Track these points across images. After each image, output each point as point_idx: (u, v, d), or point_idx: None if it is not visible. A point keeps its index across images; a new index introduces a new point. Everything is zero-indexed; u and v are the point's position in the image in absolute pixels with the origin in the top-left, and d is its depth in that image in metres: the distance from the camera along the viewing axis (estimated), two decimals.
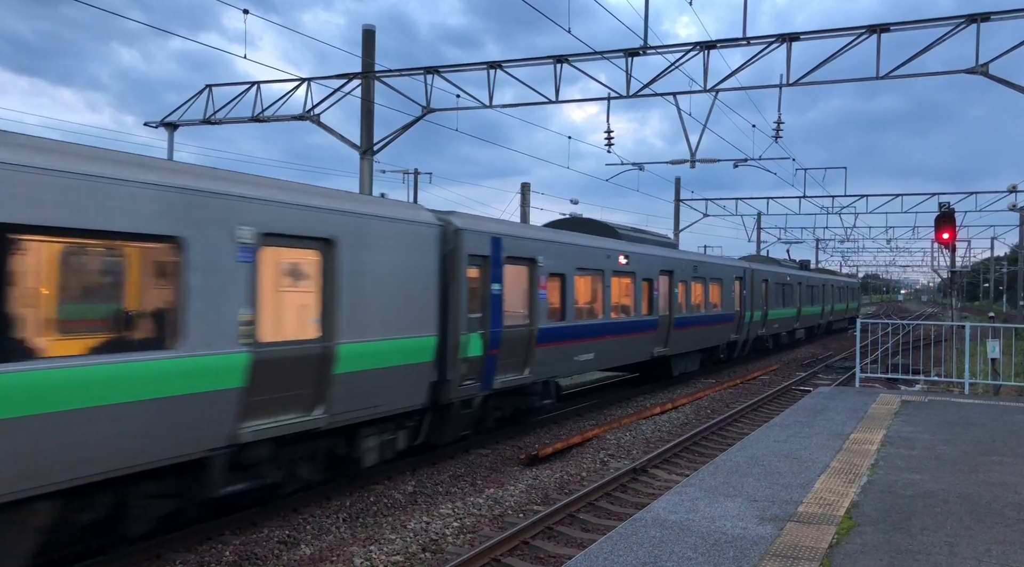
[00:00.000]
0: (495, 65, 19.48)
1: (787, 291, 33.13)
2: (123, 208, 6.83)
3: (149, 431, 7.01)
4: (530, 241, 13.55)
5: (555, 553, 8.24)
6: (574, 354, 14.86)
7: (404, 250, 10.25)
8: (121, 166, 6.96)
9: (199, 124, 22.66)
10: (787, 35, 17.36)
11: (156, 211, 7.11)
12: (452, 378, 11.24)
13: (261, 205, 8.17)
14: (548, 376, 14.20)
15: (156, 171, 7.23)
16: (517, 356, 13.06)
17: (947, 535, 5.82)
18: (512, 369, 12.99)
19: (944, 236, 17.67)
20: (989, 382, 16.67)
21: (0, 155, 6.04)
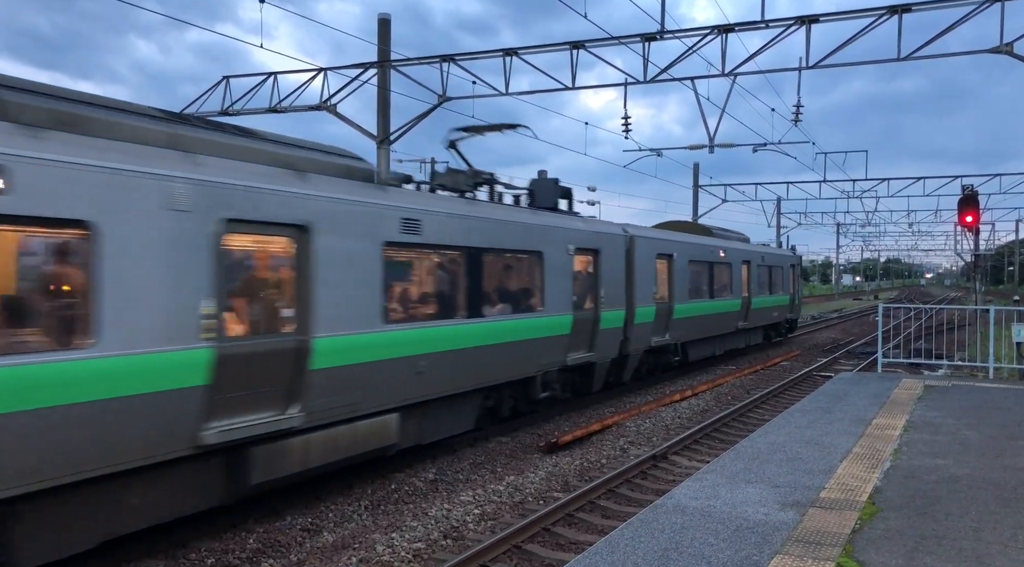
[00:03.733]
0: (511, 52, 19.41)
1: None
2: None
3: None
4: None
5: (576, 539, 8.25)
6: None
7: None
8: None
9: (217, 116, 22.76)
10: (806, 17, 17.15)
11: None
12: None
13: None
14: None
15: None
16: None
17: (972, 520, 5.77)
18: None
19: (967, 219, 17.45)
20: (1014, 366, 16.48)
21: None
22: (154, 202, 6.76)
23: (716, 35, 17.99)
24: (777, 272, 28.01)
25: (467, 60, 20.26)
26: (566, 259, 13.84)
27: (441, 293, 10.90)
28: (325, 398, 8.50)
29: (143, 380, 6.59)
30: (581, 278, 14.76)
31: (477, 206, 11.86)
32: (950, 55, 17.24)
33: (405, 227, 9.90)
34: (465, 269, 11.22)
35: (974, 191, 18.28)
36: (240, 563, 7.64)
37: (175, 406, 6.89)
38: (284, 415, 8.09)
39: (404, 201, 10.05)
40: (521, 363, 12.58)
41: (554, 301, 13.39)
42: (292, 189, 8.18)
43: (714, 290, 21.62)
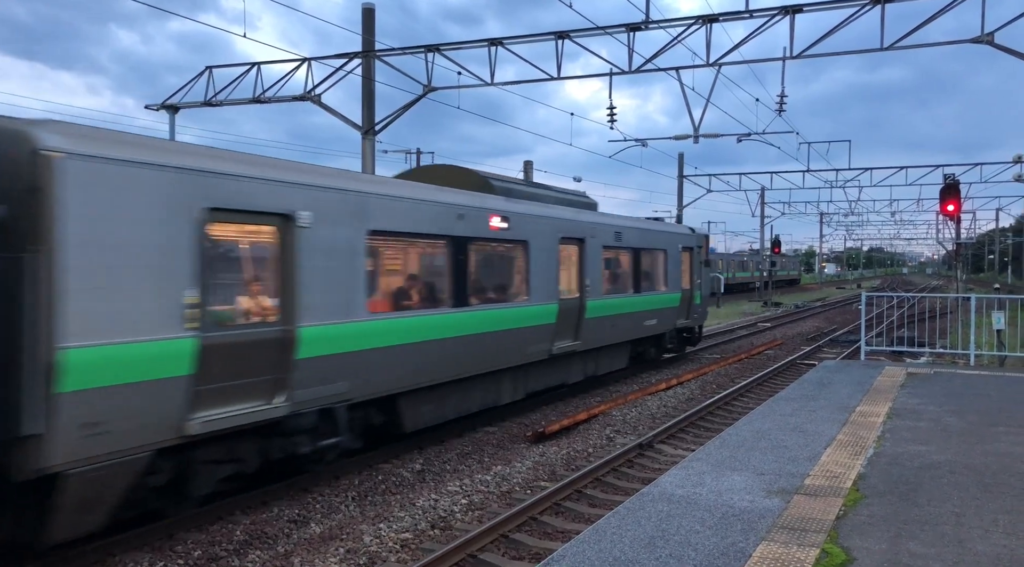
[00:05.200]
0: (496, 42, 19.35)
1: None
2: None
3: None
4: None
5: (563, 528, 8.30)
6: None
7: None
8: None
9: (200, 106, 22.58)
10: (790, 7, 17.20)
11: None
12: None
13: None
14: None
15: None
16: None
17: (954, 506, 5.85)
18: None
19: (949, 208, 17.62)
20: (995, 353, 16.67)
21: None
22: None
23: (701, 25, 18.01)
24: (654, 259, 18.76)
25: (452, 50, 20.18)
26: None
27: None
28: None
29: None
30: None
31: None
32: (932, 45, 17.36)
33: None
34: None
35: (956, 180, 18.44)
36: (227, 555, 7.63)
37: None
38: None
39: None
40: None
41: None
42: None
43: (480, 290, 12.21)
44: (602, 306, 15.79)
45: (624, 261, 17.42)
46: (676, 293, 19.82)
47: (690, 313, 21.23)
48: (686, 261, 21.01)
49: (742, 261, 68.26)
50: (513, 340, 12.80)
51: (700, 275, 21.89)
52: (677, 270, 19.96)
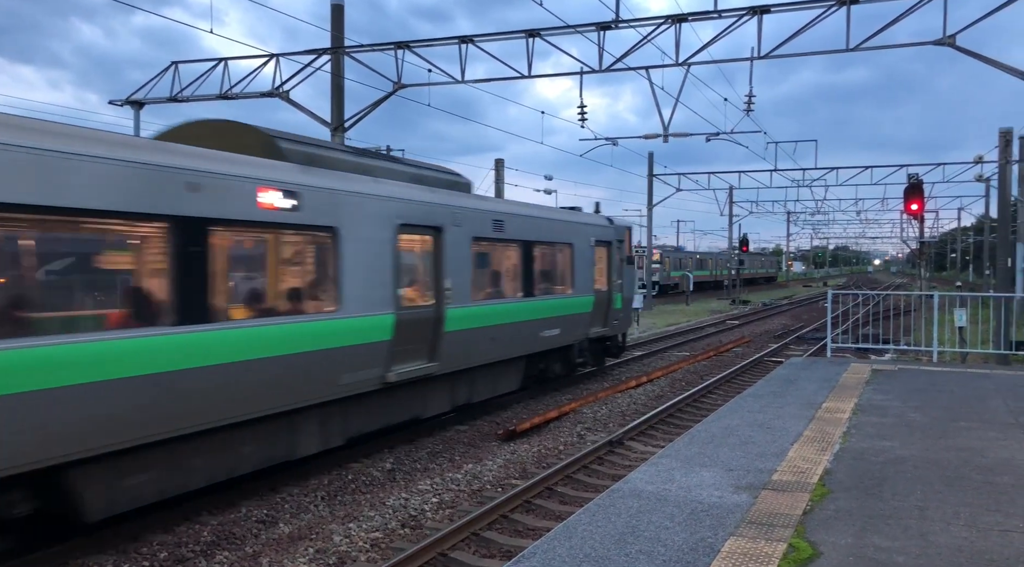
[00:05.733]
0: (467, 40, 19.31)
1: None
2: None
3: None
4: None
5: (534, 526, 8.31)
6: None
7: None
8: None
9: (166, 102, 22.28)
10: (758, 7, 17.37)
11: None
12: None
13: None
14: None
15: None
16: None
17: (917, 499, 5.94)
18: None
19: (913, 207, 17.91)
20: (956, 350, 16.99)
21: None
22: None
23: (670, 25, 18.13)
24: (555, 255, 15.37)
25: (422, 47, 20.11)
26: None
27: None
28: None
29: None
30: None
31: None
32: (896, 46, 17.64)
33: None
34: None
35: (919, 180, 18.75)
36: (194, 556, 7.53)
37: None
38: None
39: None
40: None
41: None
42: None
43: (245, 297, 8.75)
44: (473, 315, 12.18)
45: (510, 258, 13.81)
46: (587, 296, 16.39)
47: (608, 320, 17.68)
48: (602, 258, 17.54)
49: (700, 259, 68.73)
50: (312, 367, 9.10)
51: (621, 275, 18.40)
52: (589, 269, 16.55)
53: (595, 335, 17.22)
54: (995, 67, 16.28)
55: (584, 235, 16.46)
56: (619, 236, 18.55)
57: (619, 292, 18.31)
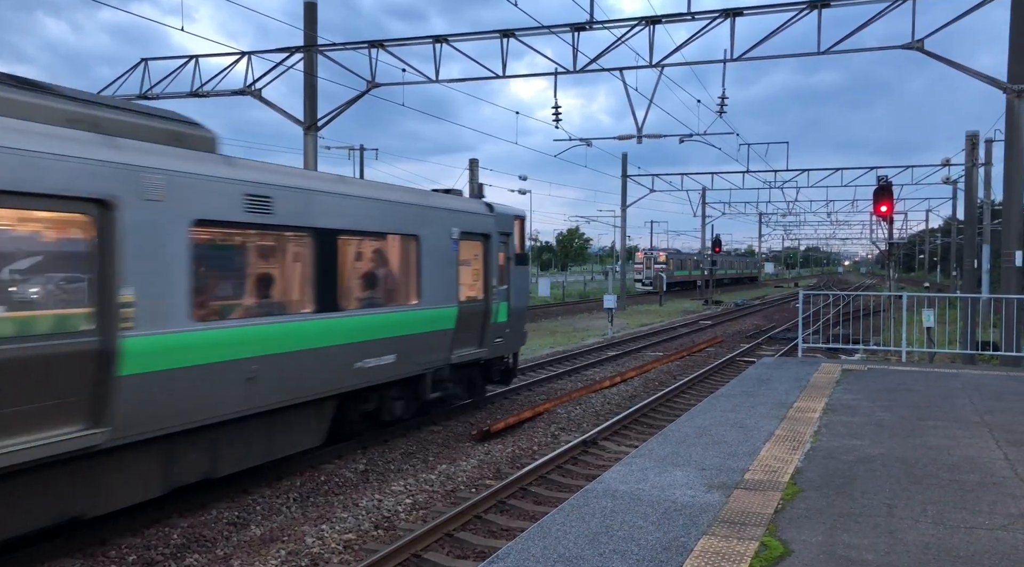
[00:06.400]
0: (441, 39, 19.28)
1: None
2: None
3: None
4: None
5: (508, 526, 8.30)
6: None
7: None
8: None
9: (135, 99, 21.98)
10: (731, 10, 17.52)
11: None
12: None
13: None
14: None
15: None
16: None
17: (886, 497, 6.02)
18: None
19: (882, 209, 18.15)
20: (924, 350, 17.24)
21: None
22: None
23: (644, 26, 18.23)
24: (385, 251, 11.52)
25: (397, 46, 20.04)
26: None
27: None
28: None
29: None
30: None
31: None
32: (866, 50, 17.88)
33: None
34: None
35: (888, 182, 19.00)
36: (164, 559, 7.44)
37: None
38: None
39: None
40: None
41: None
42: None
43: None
44: (193, 345, 7.93)
45: (290, 254, 9.59)
46: (447, 308, 12.29)
47: (486, 338, 13.58)
48: (475, 257, 13.50)
49: (696, 261, 70.89)
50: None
51: (508, 278, 14.32)
52: (449, 271, 12.43)
53: (464, 359, 12.94)
54: (962, 71, 16.55)
55: (441, 225, 12.26)
56: (503, 228, 14.16)
57: (504, 301, 14.11)
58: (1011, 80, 15.35)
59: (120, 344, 7.15)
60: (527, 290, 15.68)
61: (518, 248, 14.92)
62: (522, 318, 15.17)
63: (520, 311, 14.99)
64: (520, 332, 15.16)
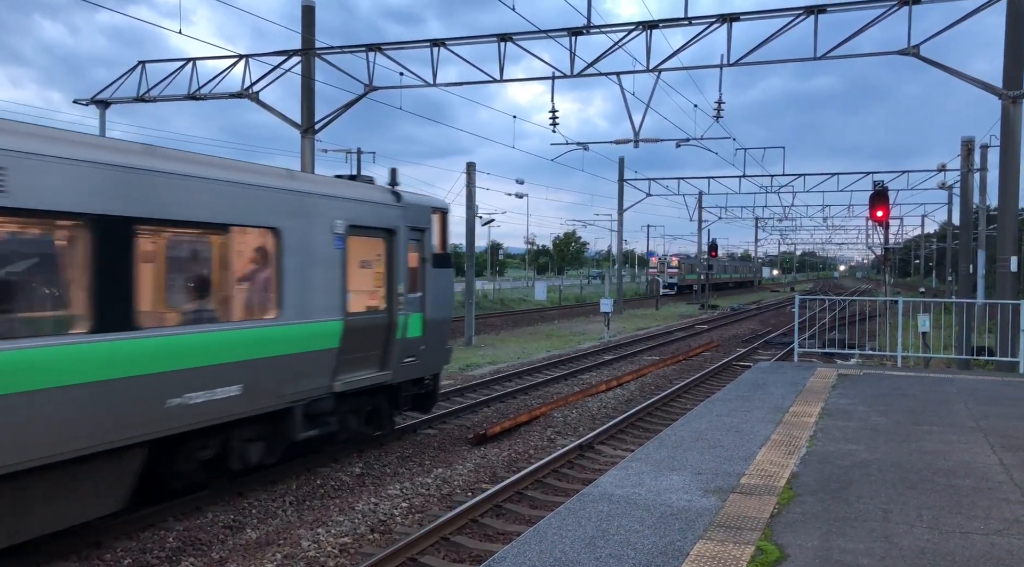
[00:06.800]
0: (439, 43, 19.30)
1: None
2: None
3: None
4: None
5: (504, 530, 8.30)
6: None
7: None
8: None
9: (132, 102, 21.98)
10: (728, 15, 17.56)
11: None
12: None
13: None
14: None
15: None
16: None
17: (882, 502, 6.03)
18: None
19: (878, 213, 18.19)
20: (920, 355, 17.28)
21: None
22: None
23: (641, 31, 18.26)
24: (239, 250, 9.02)
25: (394, 50, 20.06)
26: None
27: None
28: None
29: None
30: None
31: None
32: (862, 55, 17.93)
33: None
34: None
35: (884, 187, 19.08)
36: (159, 562, 7.42)
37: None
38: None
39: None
40: None
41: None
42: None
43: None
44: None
45: (46, 250, 7.33)
46: (327, 321, 9.81)
47: (392, 357, 11.07)
48: (377, 257, 11.14)
49: (691, 264, 73.43)
50: None
51: (424, 283, 11.85)
52: (332, 274, 9.92)
53: (358, 385, 10.43)
54: (957, 77, 16.61)
55: (317, 215, 9.67)
56: (415, 221, 11.71)
57: (418, 312, 11.64)
58: (1006, 86, 15.41)
59: None
60: (450, 298, 13.04)
61: (439, 247, 12.41)
62: (443, 332, 12.61)
63: (441, 323, 12.44)
64: (441, 349, 12.65)
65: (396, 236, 11.24)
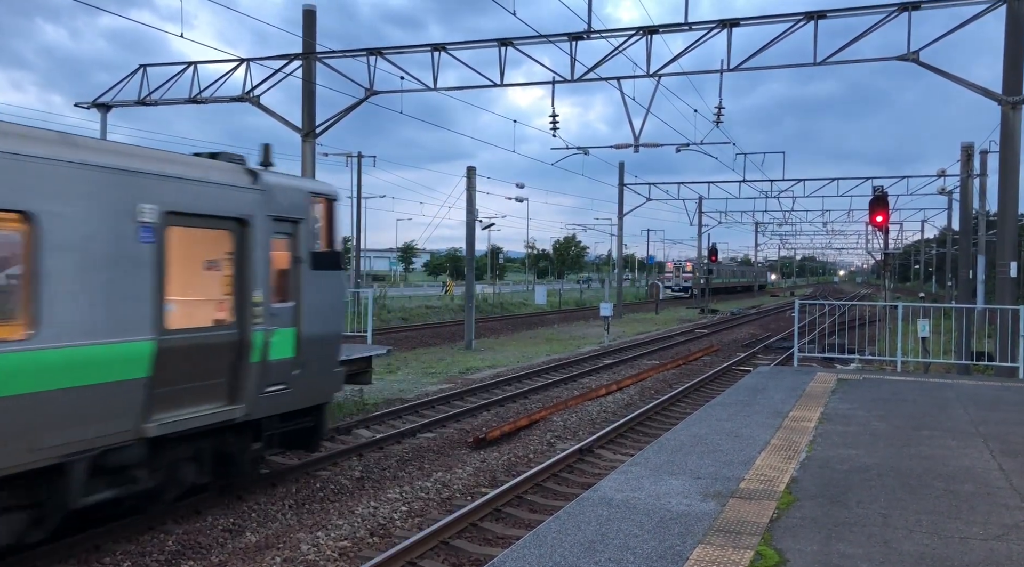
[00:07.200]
0: (439, 47, 19.34)
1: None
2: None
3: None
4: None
5: (503, 534, 8.30)
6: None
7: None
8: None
9: (133, 105, 22.02)
10: (728, 21, 17.60)
11: None
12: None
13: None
14: None
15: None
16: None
17: (881, 507, 6.03)
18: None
19: (878, 219, 18.21)
20: (919, 360, 17.28)
21: None
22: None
23: (641, 36, 18.30)
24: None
25: (395, 54, 20.10)
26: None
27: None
28: None
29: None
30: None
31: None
32: (862, 61, 17.97)
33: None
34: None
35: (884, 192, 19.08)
36: (158, 566, 7.42)
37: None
38: None
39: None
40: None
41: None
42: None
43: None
44: None
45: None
46: (123, 341, 7.27)
47: (246, 385, 8.58)
48: (227, 255, 8.67)
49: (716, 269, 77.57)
50: None
51: (298, 290, 9.31)
52: (139, 276, 7.48)
53: (188, 427, 7.99)
54: (957, 83, 16.64)
55: (105, 197, 7.23)
56: (283, 210, 9.05)
57: (290, 326, 9.09)
58: (1006, 92, 15.44)
59: None
60: (339, 309, 10.24)
61: (324, 244, 9.86)
62: (329, 352, 9.89)
63: (325, 341, 9.73)
64: (327, 373, 9.91)
65: (250, 228, 8.55)
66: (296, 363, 9.26)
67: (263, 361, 8.72)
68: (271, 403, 8.97)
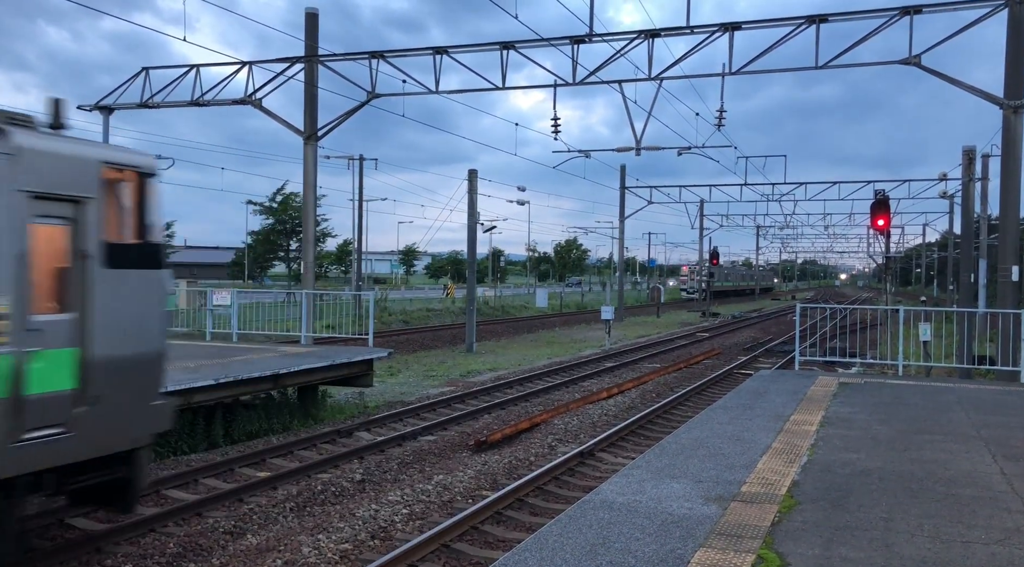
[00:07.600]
0: (441, 50, 19.36)
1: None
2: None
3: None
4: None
5: (505, 537, 8.30)
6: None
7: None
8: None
9: (135, 108, 22.05)
10: (729, 24, 17.61)
11: None
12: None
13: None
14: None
15: None
16: None
17: (883, 511, 6.03)
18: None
19: (879, 222, 18.22)
20: (921, 363, 17.27)
21: None
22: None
23: (643, 40, 18.31)
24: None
25: (397, 57, 20.13)
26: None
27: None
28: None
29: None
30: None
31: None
32: (864, 65, 17.98)
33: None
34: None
35: (885, 196, 19.10)
36: None
37: None
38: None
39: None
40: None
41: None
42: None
43: None
44: None
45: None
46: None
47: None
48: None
49: (726, 273, 78.32)
50: None
51: (83, 295, 6.83)
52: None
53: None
54: (959, 87, 16.64)
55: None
56: (52, 186, 6.67)
57: (63, 346, 6.71)
58: (1007, 96, 15.44)
59: None
60: (157, 319, 7.71)
61: (133, 233, 7.46)
62: (142, 379, 7.45)
63: (132, 366, 7.30)
64: (141, 407, 7.42)
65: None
66: (81, 397, 6.79)
67: (13, 396, 6.24)
68: (36, 454, 6.44)
